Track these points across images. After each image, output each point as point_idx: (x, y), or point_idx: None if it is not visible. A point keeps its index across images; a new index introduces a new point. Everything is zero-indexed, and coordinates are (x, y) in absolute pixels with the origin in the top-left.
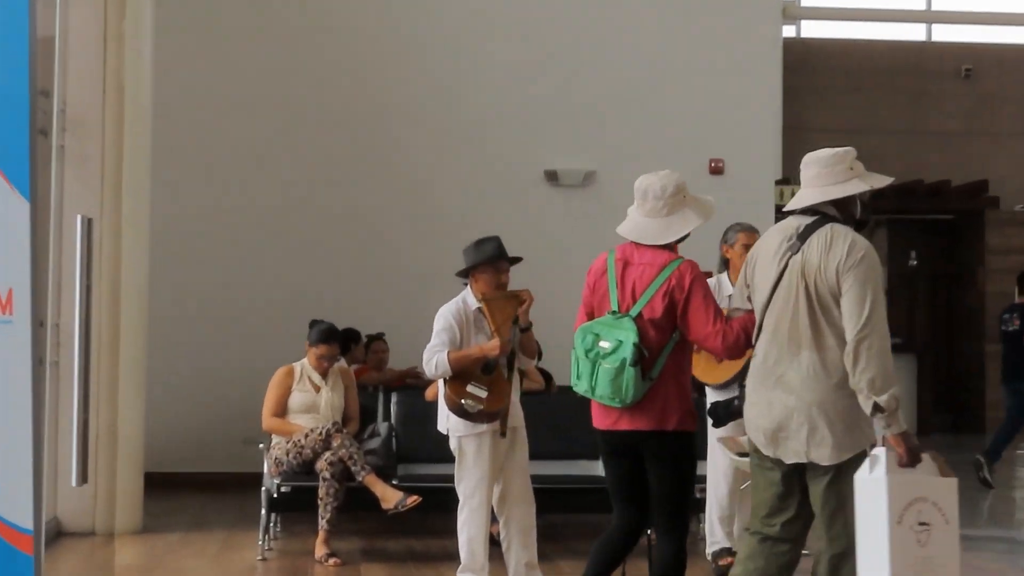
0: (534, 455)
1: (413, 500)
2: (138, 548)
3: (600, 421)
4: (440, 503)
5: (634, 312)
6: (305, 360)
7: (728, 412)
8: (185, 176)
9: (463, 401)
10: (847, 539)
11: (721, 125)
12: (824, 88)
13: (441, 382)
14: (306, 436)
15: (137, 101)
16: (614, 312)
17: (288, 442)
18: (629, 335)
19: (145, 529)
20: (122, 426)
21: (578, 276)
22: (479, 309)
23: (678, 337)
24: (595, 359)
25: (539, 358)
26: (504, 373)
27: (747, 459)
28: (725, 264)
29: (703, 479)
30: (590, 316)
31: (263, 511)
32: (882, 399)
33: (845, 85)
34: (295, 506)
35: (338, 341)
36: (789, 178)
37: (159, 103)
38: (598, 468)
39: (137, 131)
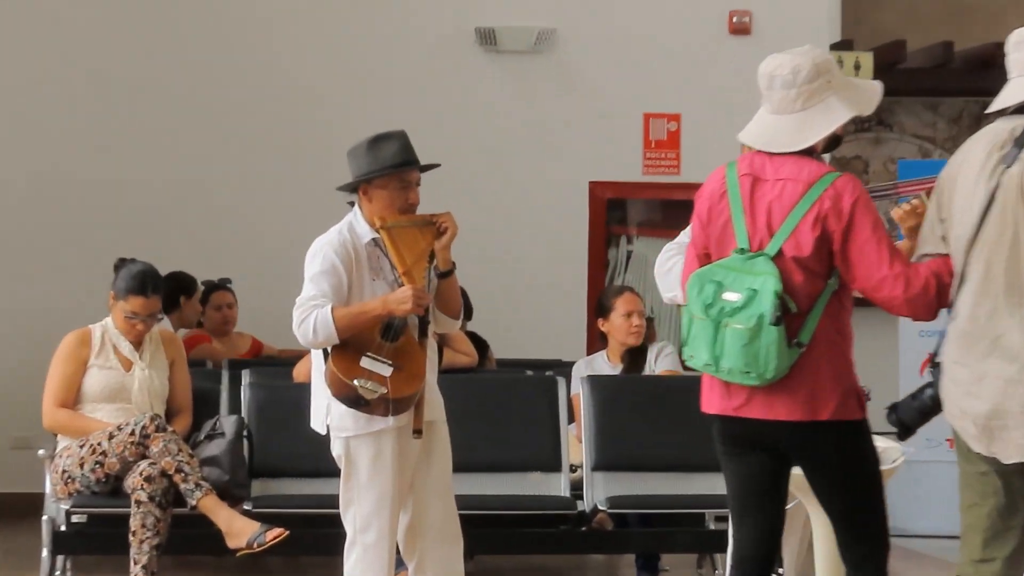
0: (462, 465)
1: (275, 535)
2: None
3: (718, 403)
4: (318, 539)
5: (772, 249)
6: (108, 321)
7: (921, 410)
8: None
9: (355, 383)
10: None
11: None
12: None
13: (319, 354)
14: (110, 437)
15: None
16: (743, 250)
17: (83, 446)
18: (767, 282)
19: None
20: None
21: (532, 191)
22: (375, 242)
23: (836, 284)
24: (718, 318)
25: (468, 316)
26: (416, 340)
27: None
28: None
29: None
30: (705, 258)
31: (44, 552)
32: None
33: None
34: (95, 544)
35: (160, 292)
36: (852, 40)
37: None
38: (559, 484)
39: None
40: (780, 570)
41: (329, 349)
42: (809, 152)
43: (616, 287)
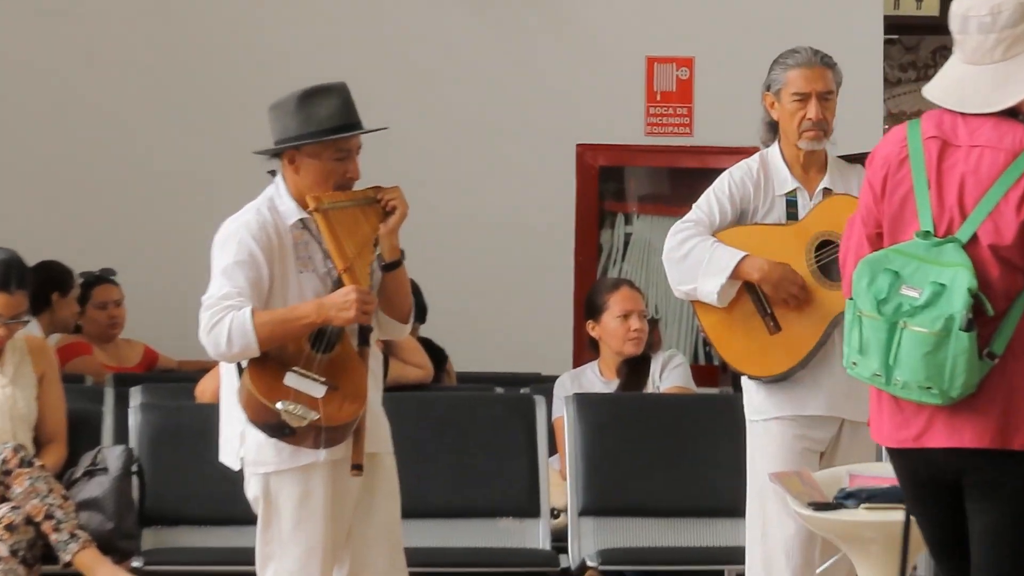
0: (415, 509)
1: None
2: None
3: (892, 433)
4: None
5: (964, 234)
6: None
7: None
8: None
9: (278, 406)
10: None
11: None
12: None
13: (232, 369)
14: None
15: None
16: (927, 234)
17: None
18: (958, 275)
19: None
20: None
21: (503, 157)
22: (303, 223)
23: None
24: (894, 317)
25: (420, 319)
26: (355, 350)
27: (829, 514)
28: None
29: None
30: (877, 240)
31: None
32: None
33: None
34: None
35: (26, 287)
36: None
37: None
38: (537, 533)
39: None
40: None
41: (245, 362)
42: (1012, 113)
43: (610, 280)
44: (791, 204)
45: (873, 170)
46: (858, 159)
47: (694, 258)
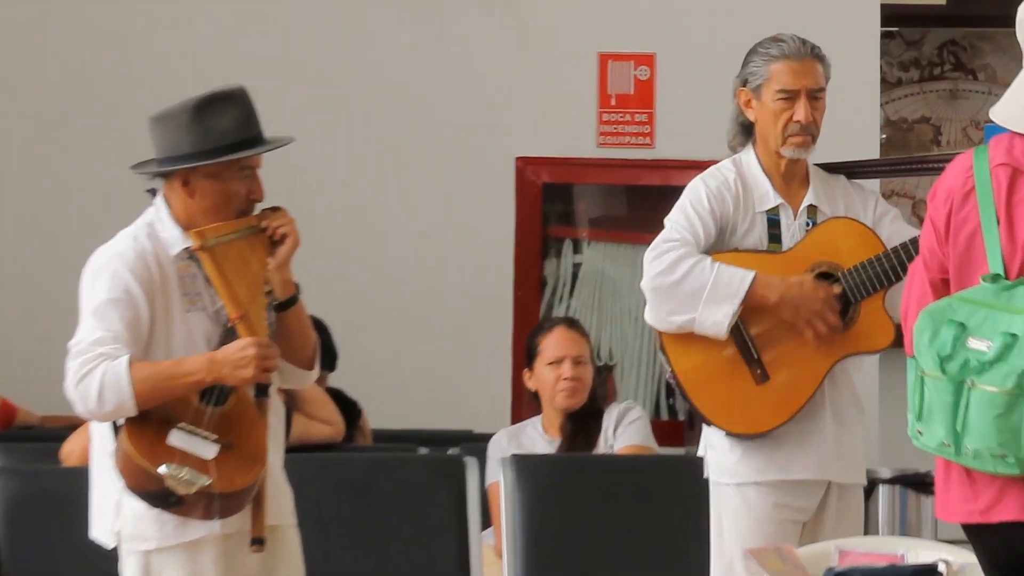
0: None
1: None
2: None
3: (957, 505)
4: None
5: None
6: None
7: None
8: None
9: (161, 470)
10: None
11: None
12: None
13: (108, 428)
14: None
15: None
16: (996, 276)
17: None
18: None
19: None
20: None
21: (428, 173)
22: (189, 254)
23: None
24: (960, 376)
25: (329, 366)
26: (253, 403)
27: None
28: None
29: None
30: (942, 287)
31: None
32: None
33: None
34: None
35: None
36: None
37: None
38: None
39: None
40: None
41: (121, 419)
42: None
43: (549, 321)
44: (773, 223)
45: (935, 206)
46: (840, 169)
47: (693, 282)
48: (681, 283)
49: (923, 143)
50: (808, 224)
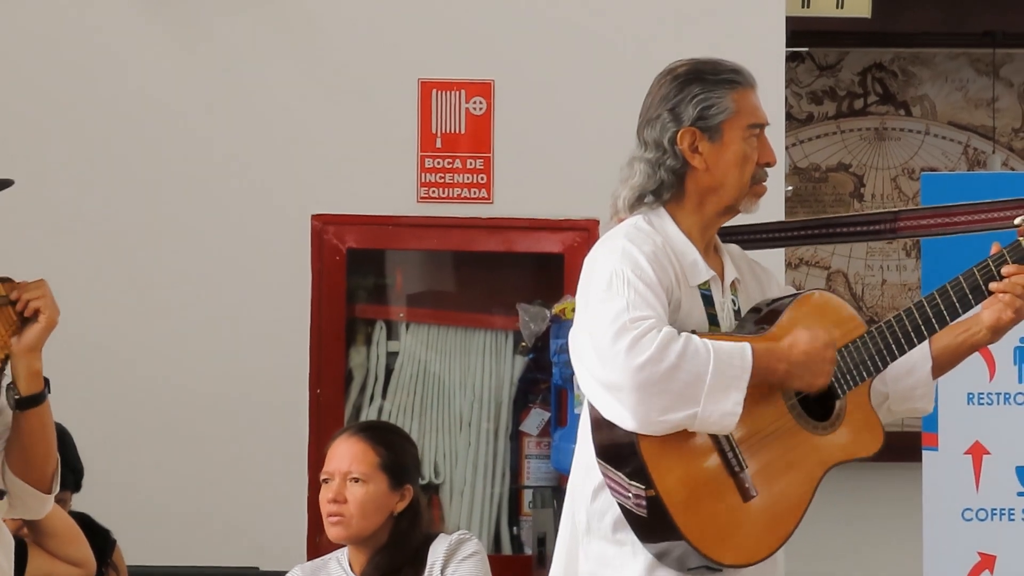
0: None
1: None
2: None
3: None
4: None
5: None
6: None
7: None
8: None
9: None
10: None
11: None
12: None
13: None
14: None
15: None
16: None
17: None
18: None
19: None
20: None
21: (203, 233)
22: None
23: None
24: None
25: (75, 486)
26: None
27: None
28: None
29: None
30: None
31: None
32: None
33: None
34: None
35: None
36: None
37: None
38: None
39: None
40: None
41: None
42: None
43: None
44: (707, 301)
45: None
46: (736, 236)
47: (690, 368)
48: (675, 372)
49: (840, 196)
50: (733, 303)
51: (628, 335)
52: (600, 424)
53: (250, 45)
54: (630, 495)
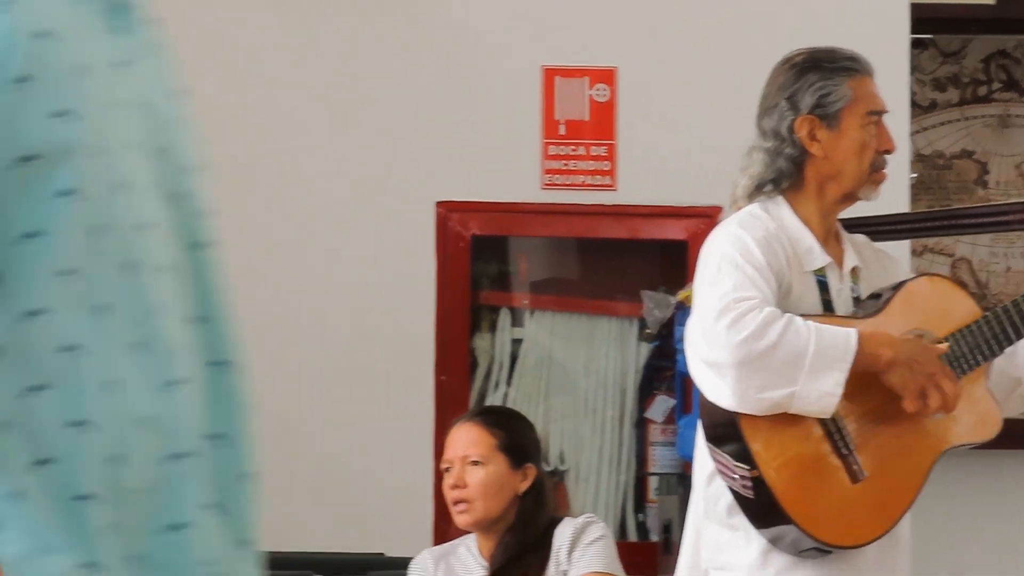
0: None
1: None
2: None
3: None
4: None
5: None
6: None
7: None
8: None
9: None
10: None
11: None
12: None
13: None
14: None
15: None
16: None
17: None
18: None
19: None
20: None
21: (325, 222)
22: None
23: None
24: None
25: None
26: None
27: None
28: None
29: None
30: None
31: None
32: None
33: None
34: None
35: None
36: None
37: None
38: None
39: None
40: None
41: None
42: None
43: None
44: (823, 287)
45: None
46: (863, 227)
47: (790, 348)
48: (775, 350)
49: (964, 183)
50: (853, 290)
51: (731, 313)
52: (705, 406)
53: (372, 34)
54: (736, 477)
